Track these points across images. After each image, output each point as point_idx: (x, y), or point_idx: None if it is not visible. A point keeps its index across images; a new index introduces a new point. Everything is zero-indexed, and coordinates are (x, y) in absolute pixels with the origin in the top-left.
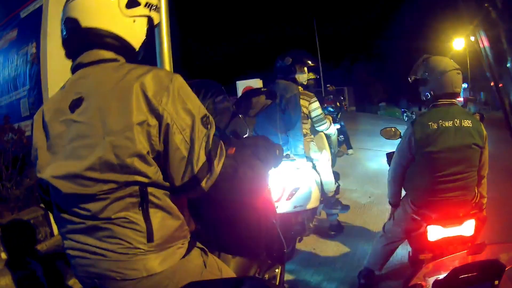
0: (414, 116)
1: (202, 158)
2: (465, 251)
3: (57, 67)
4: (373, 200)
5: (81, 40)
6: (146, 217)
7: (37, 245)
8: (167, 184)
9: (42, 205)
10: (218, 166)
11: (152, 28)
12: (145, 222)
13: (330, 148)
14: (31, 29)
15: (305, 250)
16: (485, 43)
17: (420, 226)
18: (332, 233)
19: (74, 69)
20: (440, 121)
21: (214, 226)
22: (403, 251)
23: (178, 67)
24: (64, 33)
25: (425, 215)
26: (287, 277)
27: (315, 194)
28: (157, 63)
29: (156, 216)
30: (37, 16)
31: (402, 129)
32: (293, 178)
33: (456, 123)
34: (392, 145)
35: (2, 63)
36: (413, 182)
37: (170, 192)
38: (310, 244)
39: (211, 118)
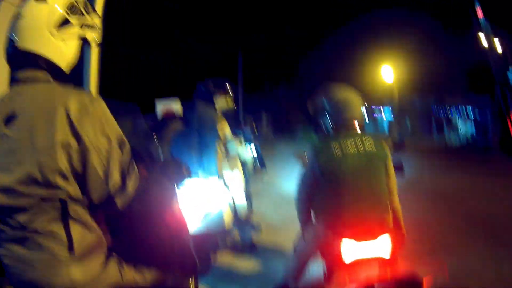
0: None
1: (117, 179)
2: (380, 268)
3: None
4: (287, 221)
5: (17, 59)
6: (67, 230)
7: None
8: (86, 200)
9: None
10: (131, 186)
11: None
12: (66, 235)
13: (245, 170)
14: None
15: (220, 267)
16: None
17: (332, 243)
18: (246, 251)
19: (11, 83)
20: (342, 145)
21: (129, 241)
22: (318, 268)
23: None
24: (9, 48)
25: (337, 233)
26: None
27: (228, 216)
28: (83, 81)
29: (75, 230)
30: None
31: None
32: (206, 200)
33: (358, 144)
34: None
35: None
36: (321, 201)
37: (89, 208)
38: (225, 262)
39: (126, 142)
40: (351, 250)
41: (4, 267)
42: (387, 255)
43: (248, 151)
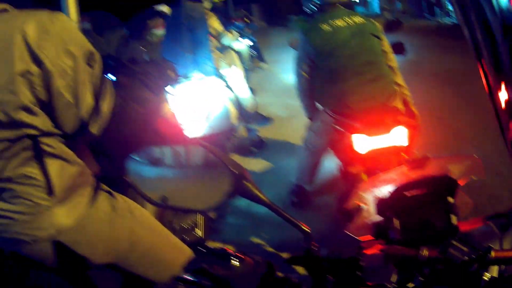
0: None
1: (89, 100)
2: (404, 166)
3: None
4: (292, 112)
5: None
6: (43, 169)
7: None
8: (59, 131)
9: None
10: (106, 107)
11: None
12: (43, 174)
13: (243, 64)
14: None
15: None
16: None
17: (343, 137)
18: (254, 150)
19: None
20: (331, 21)
21: (118, 165)
22: (334, 165)
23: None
24: None
25: (347, 125)
26: None
27: (232, 112)
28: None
29: (53, 166)
30: None
31: None
32: (205, 99)
33: (347, 20)
34: None
35: None
36: (325, 89)
37: (64, 138)
38: None
39: (97, 55)
40: (364, 143)
41: None
42: (402, 143)
43: (243, 43)
